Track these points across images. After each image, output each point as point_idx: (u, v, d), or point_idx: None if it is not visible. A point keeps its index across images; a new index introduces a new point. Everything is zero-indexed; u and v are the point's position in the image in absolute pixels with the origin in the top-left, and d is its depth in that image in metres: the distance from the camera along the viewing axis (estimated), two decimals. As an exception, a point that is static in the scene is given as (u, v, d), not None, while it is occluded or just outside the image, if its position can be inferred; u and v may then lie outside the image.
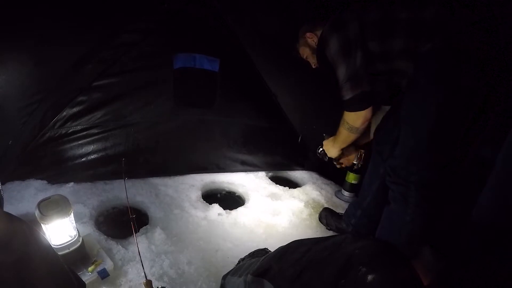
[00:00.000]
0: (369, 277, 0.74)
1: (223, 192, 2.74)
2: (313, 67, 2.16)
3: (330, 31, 1.75)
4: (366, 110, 1.79)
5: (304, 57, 2.17)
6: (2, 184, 1.84)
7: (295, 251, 0.96)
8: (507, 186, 1.08)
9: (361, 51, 1.68)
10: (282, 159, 3.14)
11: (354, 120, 1.85)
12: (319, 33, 1.97)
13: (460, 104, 1.51)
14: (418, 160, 1.62)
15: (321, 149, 2.32)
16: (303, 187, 2.94)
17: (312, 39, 2.04)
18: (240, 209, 2.42)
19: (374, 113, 1.93)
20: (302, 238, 1.08)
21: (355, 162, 2.58)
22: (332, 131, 2.15)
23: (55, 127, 2.16)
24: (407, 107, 1.66)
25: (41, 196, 1.54)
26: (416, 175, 1.62)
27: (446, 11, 1.51)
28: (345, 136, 1.99)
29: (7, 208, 1.74)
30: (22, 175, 2.15)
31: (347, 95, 1.76)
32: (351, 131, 1.92)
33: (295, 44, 2.16)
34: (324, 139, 2.29)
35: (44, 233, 1.48)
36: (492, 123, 1.52)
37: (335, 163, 2.40)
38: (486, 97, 1.51)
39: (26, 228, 0.89)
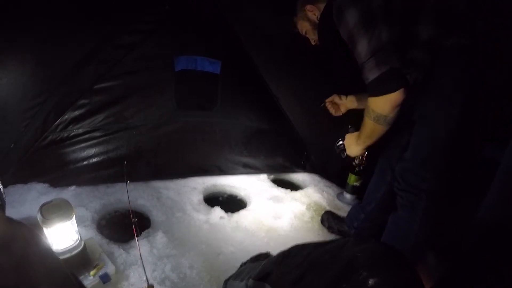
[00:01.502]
0: (371, 281, 0.73)
1: (225, 195, 2.73)
2: (312, 43, 1.94)
3: (348, 2, 1.47)
4: (396, 92, 1.43)
5: (303, 32, 1.94)
6: (4, 187, 1.85)
7: (296, 255, 0.96)
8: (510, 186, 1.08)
9: (387, 26, 1.42)
10: (284, 161, 3.14)
11: (382, 105, 1.50)
12: (321, 5, 1.73)
13: (481, 108, 1.45)
14: (433, 166, 1.54)
15: (341, 142, 2.01)
16: (304, 189, 2.93)
17: (313, 12, 1.79)
18: (242, 212, 2.41)
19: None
20: (304, 241, 1.08)
21: (357, 163, 2.57)
22: (337, 134, 2.05)
23: (57, 130, 2.16)
24: (426, 107, 1.53)
25: (43, 200, 1.53)
26: (428, 182, 1.55)
27: (478, 7, 1.40)
28: (371, 128, 1.64)
29: (9, 211, 1.76)
30: (24, 178, 2.15)
31: (372, 74, 1.45)
32: (379, 121, 1.56)
33: (292, 17, 1.96)
34: (348, 132, 1.99)
35: (46, 237, 1.48)
36: (494, 123, 1.50)
37: (354, 163, 2.30)
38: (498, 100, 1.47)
39: (26, 231, 0.88)
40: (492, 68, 1.40)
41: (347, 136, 1.96)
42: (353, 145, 1.89)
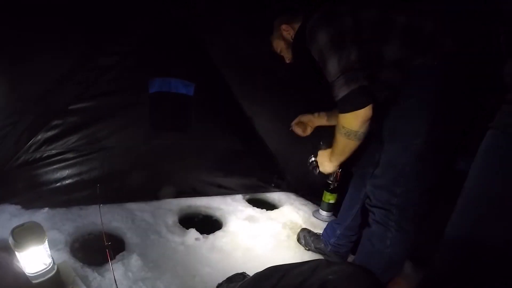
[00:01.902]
0: (343, 303, 0.75)
1: (200, 216, 2.72)
2: (287, 61, 1.99)
3: (319, 24, 1.53)
4: (365, 108, 1.48)
5: (278, 51, 1.99)
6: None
7: (270, 277, 0.97)
8: (475, 201, 1.11)
9: (356, 47, 1.47)
10: (258, 181, 3.16)
11: (352, 121, 1.54)
12: (296, 26, 1.79)
13: (452, 124, 1.49)
14: (403, 182, 1.56)
15: (313, 159, 2.02)
16: (280, 208, 2.95)
17: (288, 31, 1.85)
18: (217, 233, 2.41)
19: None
20: (281, 260, 1.10)
21: (331, 181, 2.61)
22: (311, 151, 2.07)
23: (30, 150, 2.14)
24: (394, 125, 1.58)
25: (16, 222, 1.51)
26: (399, 197, 1.57)
27: (446, 26, 1.44)
28: (343, 144, 1.66)
29: (-20, 236, 1.72)
30: (-4, 199, 2.11)
31: (342, 92, 1.48)
32: (349, 136, 1.59)
33: (268, 36, 2.00)
34: (320, 149, 1.99)
35: (18, 261, 1.46)
36: (467, 137, 1.54)
37: (328, 181, 2.32)
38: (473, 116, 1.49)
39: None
40: (463, 85, 1.44)
41: (320, 153, 1.98)
42: (326, 162, 1.91)
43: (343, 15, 1.50)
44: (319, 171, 2.01)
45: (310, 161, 2.05)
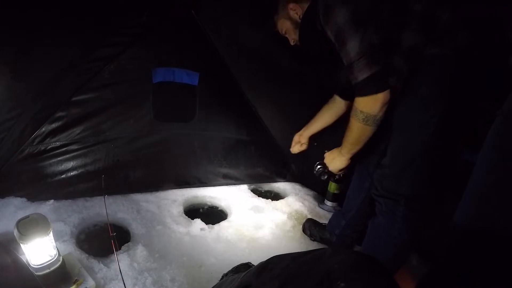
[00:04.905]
0: (348, 293, 0.74)
1: (205, 207, 2.73)
2: (291, 43, 1.89)
3: (335, 1, 1.43)
4: (386, 91, 1.45)
5: (283, 32, 1.88)
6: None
7: (275, 267, 0.96)
8: (485, 188, 1.10)
9: (377, 27, 1.42)
10: (264, 171, 3.15)
11: (372, 105, 1.48)
12: (305, 5, 1.68)
13: (461, 118, 1.48)
14: (411, 172, 1.55)
15: (319, 166, 1.98)
16: (285, 198, 2.95)
17: (295, 11, 1.73)
18: (222, 223, 2.41)
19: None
20: (286, 250, 1.08)
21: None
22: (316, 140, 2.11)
23: (34, 143, 2.14)
24: (403, 115, 1.55)
25: (21, 214, 1.51)
26: (406, 188, 1.57)
27: (460, 18, 1.40)
28: (359, 131, 1.59)
29: (-15, 228, 1.73)
30: (1, 192, 2.11)
31: (362, 74, 1.43)
32: (367, 122, 1.53)
33: (273, 15, 1.89)
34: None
35: (23, 253, 1.46)
36: (475, 129, 1.52)
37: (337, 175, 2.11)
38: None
39: (1, 247, 0.87)
40: (474, 77, 1.43)
41: (327, 154, 1.93)
42: (337, 158, 1.84)
43: None
44: (327, 176, 1.97)
45: (316, 169, 2.00)
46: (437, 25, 1.41)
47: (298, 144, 2.27)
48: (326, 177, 1.98)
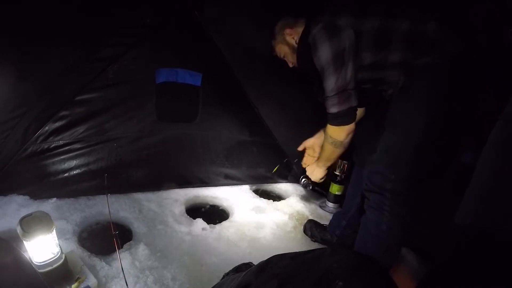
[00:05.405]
0: (347, 291, 0.75)
1: (207, 206, 2.74)
2: (290, 66, 2.04)
3: (322, 37, 1.60)
4: (350, 124, 1.73)
5: (281, 56, 2.04)
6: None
7: (275, 266, 0.97)
8: (486, 190, 1.11)
9: (353, 63, 1.61)
10: (266, 172, 3.15)
11: (338, 133, 1.78)
12: (300, 29, 1.83)
13: (454, 120, 1.49)
14: (398, 169, 1.58)
15: (304, 179, 2.51)
16: (287, 199, 2.96)
17: (292, 36, 1.89)
18: (224, 223, 2.42)
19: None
20: (287, 250, 1.09)
21: (338, 173, 2.62)
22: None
23: (38, 141, 2.15)
24: (395, 115, 1.61)
25: (24, 212, 1.52)
26: (393, 182, 1.58)
27: (448, 27, 1.47)
28: (330, 151, 1.92)
29: (-12, 225, 1.74)
30: (4, 190, 2.13)
31: (333, 108, 1.69)
32: (336, 145, 1.84)
33: (270, 40, 2.04)
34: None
35: (26, 250, 1.47)
36: (473, 131, 1.53)
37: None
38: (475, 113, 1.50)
39: (4, 244, 0.88)
40: (466, 83, 1.44)
41: (307, 168, 2.30)
42: (316, 170, 2.19)
43: (345, 28, 1.57)
44: (312, 186, 2.56)
45: (301, 182, 2.53)
46: (425, 39, 1.50)
47: (311, 150, 2.36)
48: (311, 187, 2.60)
